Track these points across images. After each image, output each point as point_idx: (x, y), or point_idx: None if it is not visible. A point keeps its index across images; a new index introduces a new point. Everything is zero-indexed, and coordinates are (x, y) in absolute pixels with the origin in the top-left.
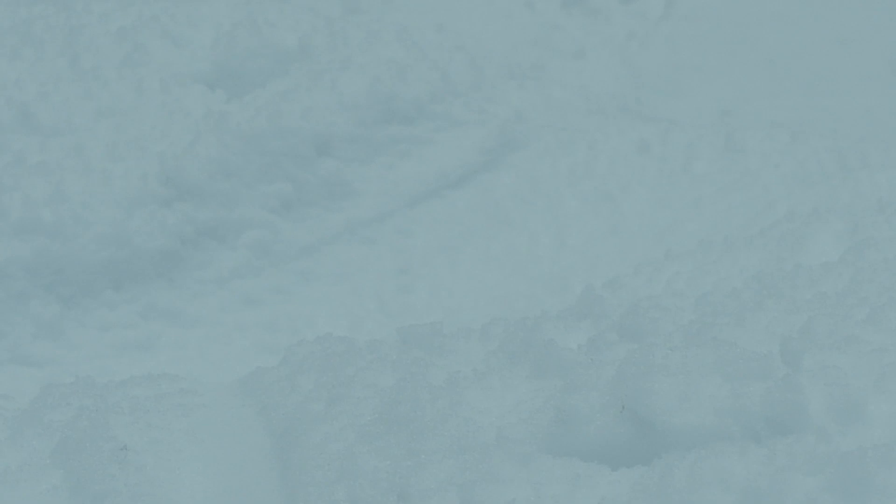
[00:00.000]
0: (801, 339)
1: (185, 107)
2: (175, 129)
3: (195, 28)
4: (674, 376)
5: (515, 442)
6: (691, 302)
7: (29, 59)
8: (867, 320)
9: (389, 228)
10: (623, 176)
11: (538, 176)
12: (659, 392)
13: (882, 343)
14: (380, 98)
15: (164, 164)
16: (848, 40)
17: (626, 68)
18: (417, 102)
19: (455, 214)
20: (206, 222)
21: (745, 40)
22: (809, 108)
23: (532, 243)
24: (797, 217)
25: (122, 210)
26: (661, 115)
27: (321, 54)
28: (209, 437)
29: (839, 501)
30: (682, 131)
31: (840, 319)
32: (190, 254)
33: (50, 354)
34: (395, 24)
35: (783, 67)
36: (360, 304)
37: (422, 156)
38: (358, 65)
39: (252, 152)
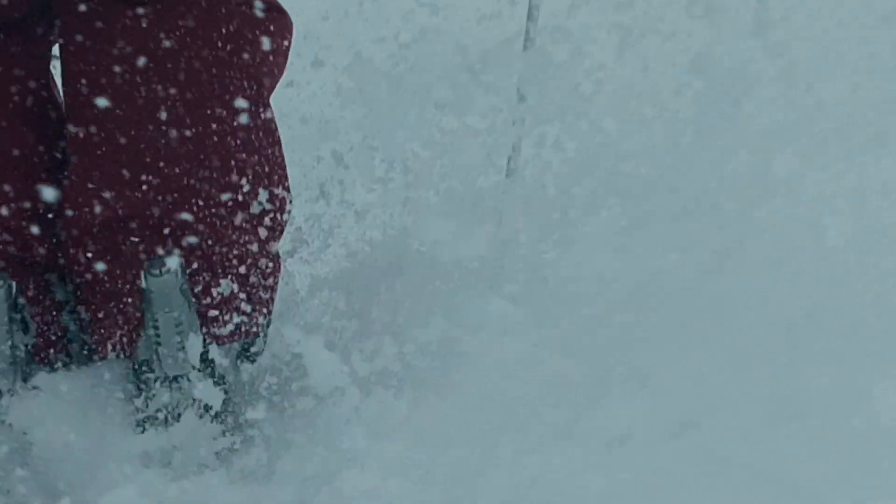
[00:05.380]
0: (806, 324)
1: None
2: None
3: None
4: None
5: None
6: None
7: None
8: (872, 305)
9: None
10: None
11: None
12: None
13: (887, 328)
14: None
15: None
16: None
17: None
18: None
19: None
20: None
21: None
22: (815, 93)
23: None
24: (802, 201)
25: None
26: None
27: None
28: None
29: (844, 486)
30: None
31: (845, 304)
32: None
33: None
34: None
35: (790, 51)
36: None
37: None
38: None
39: None
